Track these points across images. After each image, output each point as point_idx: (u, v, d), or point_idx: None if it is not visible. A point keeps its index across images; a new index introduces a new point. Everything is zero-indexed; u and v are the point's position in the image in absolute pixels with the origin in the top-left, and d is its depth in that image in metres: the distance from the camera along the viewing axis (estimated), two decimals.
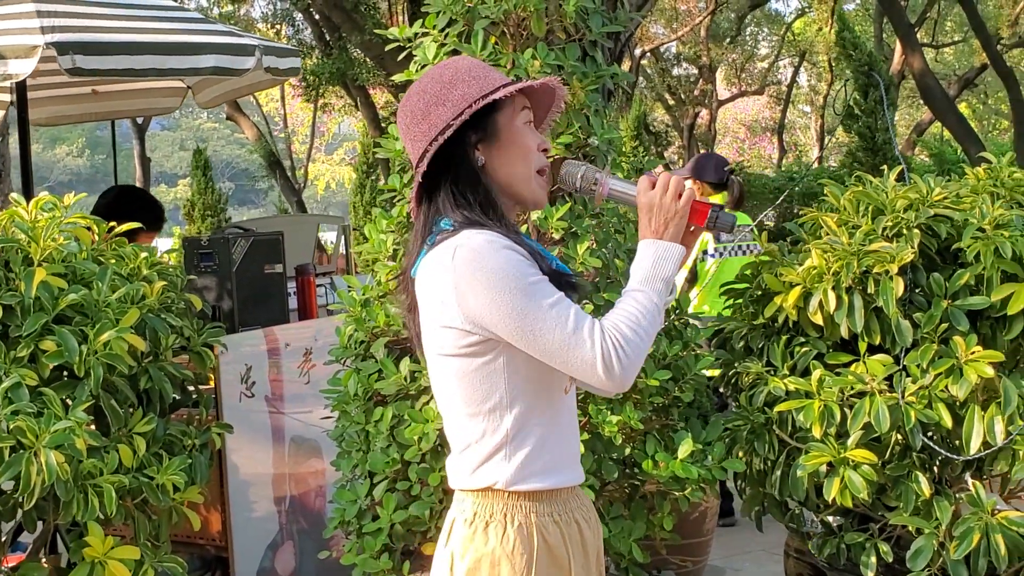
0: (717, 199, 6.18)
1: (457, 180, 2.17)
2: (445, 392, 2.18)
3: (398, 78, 3.74)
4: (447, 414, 2.21)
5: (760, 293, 3.61)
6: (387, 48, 3.91)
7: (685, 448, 3.39)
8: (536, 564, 2.11)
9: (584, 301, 2.28)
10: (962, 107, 22.40)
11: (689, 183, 5.80)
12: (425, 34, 3.67)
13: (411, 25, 3.74)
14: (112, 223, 3.57)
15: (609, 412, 3.33)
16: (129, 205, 5.00)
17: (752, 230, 5.78)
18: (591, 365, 2.03)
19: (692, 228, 2.23)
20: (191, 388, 3.68)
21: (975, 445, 3.15)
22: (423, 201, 2.22)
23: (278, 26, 18.70)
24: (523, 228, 3.21)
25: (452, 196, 2.16)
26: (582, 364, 2.04)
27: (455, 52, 3.58)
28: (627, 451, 3.45)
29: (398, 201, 3.72)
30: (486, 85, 2.15)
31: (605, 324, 2.06)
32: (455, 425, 2.20)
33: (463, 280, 2.06)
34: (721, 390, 3.84)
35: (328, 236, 13.03)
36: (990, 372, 3.11)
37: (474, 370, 2.11)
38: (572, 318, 2.04)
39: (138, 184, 18.78)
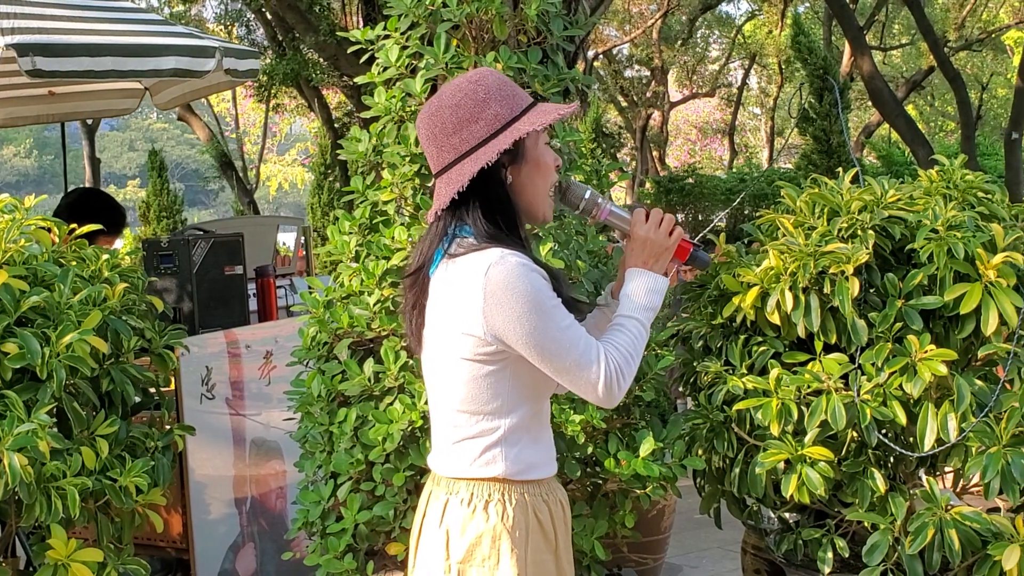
0: None
1: (487, 197, 2.29)
2: (449, 390, 2.33)
3: (360, 80, 3.76)
4: (444, 409, 2.36)
5: (718, 293, 3.66)
6: (348, 51, 3.92)
7: (646, 446, 3.44)
8: (530, 538, 2.30)
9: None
10: (910, 109, 22.68)
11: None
12: (387, 37, 3.68)
13: (365, 26, 3.76)
14: (73, 225, 3.55)
15: (572, 411, 3.37)
16: (91, 207, 4.98)
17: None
18: (594, 386, 2.24)
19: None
20: (152, 390, 3.67)
21: (929, 442, 3.22)
22: (447, 208, 2.31)
23: (230, 26, 18.58)
24: None
25: (480, 211, 2.28)
26: (586, 384, 2.25)
27: (418, 55, 3.61)
28: (589, 450, 3.49)
29: (360, 203, 3.74)
30: (515, 104, 2.28)
31: (608, 350, 2.26)
32: (450, 421, 2.35)
33: (494, 296, 2.20)
34: (681, 389, 3.89)
35: (282, 237, 12.95)
36: (943, 370, 3.18)
37: (483, 376, 2.27)
38: (583, 343, 2.24)
39: (87, 185, 18.59)
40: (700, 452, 3.59)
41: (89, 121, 18.83)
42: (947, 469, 3.49)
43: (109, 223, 4.77)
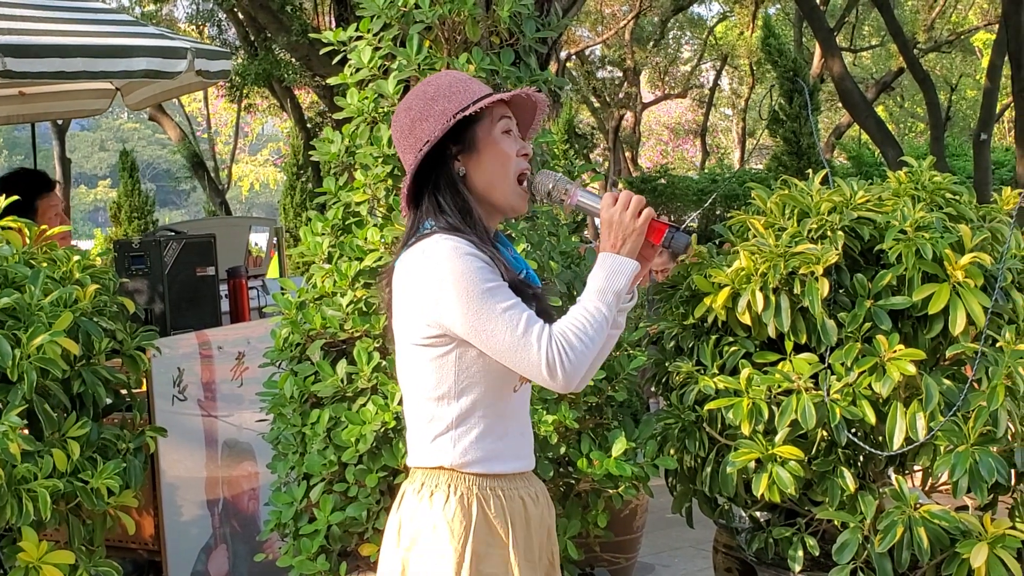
0: None
1: (438, 189, 2.33)
2: (407, 377, 2.35)
3: (332, 81, 3.76)
4: (406, 397, 2.38)
5: (690, 294, 3.68)
6: (321, 52, 3.92)
7: (619, 446, 3.45)
8: (474, 532, 2.27)
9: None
10: (880, 110, 22.83)
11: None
12: (359, 38, 3.69)
13: (337, 26, 3.76)
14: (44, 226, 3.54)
15: (544, 412, 3.38)
16: (15, 182, 4.90)
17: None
18: (537, 367, 2.19)
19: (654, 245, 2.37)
20: (124, 392, 3.66)
21: (898, 441, 3.25)
22: (412, 206, 2.37)
23: (201, 26, 18.50)
24: None
25: (435, 203, 2.32)
26: (529, 365, 2.20)
27: (390, 56, 3.61)
28: (562, 450, 3.50)
29: (332, 204, 3.74)
30: (464, 99, 2.29)
31: (554, 330, 2.20)
32: (412, 407, 2.36)
33: (429, 280, 2.22)
34: (653, 389, 3.91)
35: (253, 238, 12.90)
36: (912, 370, 3.21)
37: (430, 360, 2.28)
38: (522, 322, 2.19)
39: (58, 184, 18.44)
40: (672, 452, 3.62)
41: (59, 121, 18.69)
42: (916, 468, 3.52)
43: (37, 186, 4.79)
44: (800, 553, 3.47)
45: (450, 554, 2.24)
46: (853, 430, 3.34)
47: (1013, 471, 3.38)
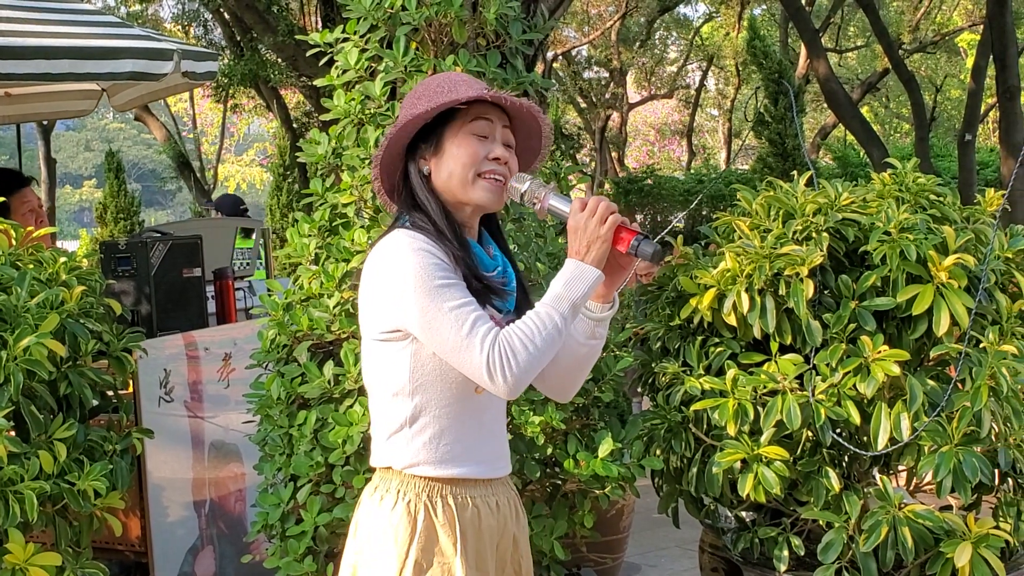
0: None
1: (407, 187, 2.36)
2: (367, 372, 2.35)
3: (319, 83, 3.76)
4: (368, 393, 2.37)
5: (676, 295, 3.70)
6: (308, 53, 3.92)
7: (605, 447, 3.47)
8: (418, 539, 2.24)
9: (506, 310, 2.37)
10: (865, 111, 22.87)
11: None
12: (346, 39, 3.69)
13: (324, 27, 3.76)
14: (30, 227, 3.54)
15: (531, 412, 3.39)
16: None
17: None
18: (479, 369, 2.16)
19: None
20: (111, 393, 3.65)
21: (882, 441, 3.27)
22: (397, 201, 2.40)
23: (187, 26, 18.45)
24: None
25: (409, 198, 2.34)
26: (471, 367, 2.17)
27: (377, 58, 3.62)
28: (549, 451, 3.51)
29: (319, 205, 3.74)
30: (439, 99, 2.29)
31: (500, 335, 2.17)
32: (372, 404, 2.36)
33: (382, 275, 2.23)
34: (639, 390, 3.92)
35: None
36: (896, 370, 3.23)
37: (387, 355, 2.27)
38: (469, 323, 2.16)
39: (43, 185, 18.40)
40: (658, 452, 3.63)
41: (45, 122, 18.64)
42: (900, 468, 3.54)
43: (8, 184, 4.81)
44: (785, 553, 3.49)
45: (393, 560, 2.22)
46: (838, 430, 3.36)
47: (996, 471, 3.41)
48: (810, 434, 3.35)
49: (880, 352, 3.27)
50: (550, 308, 2.20)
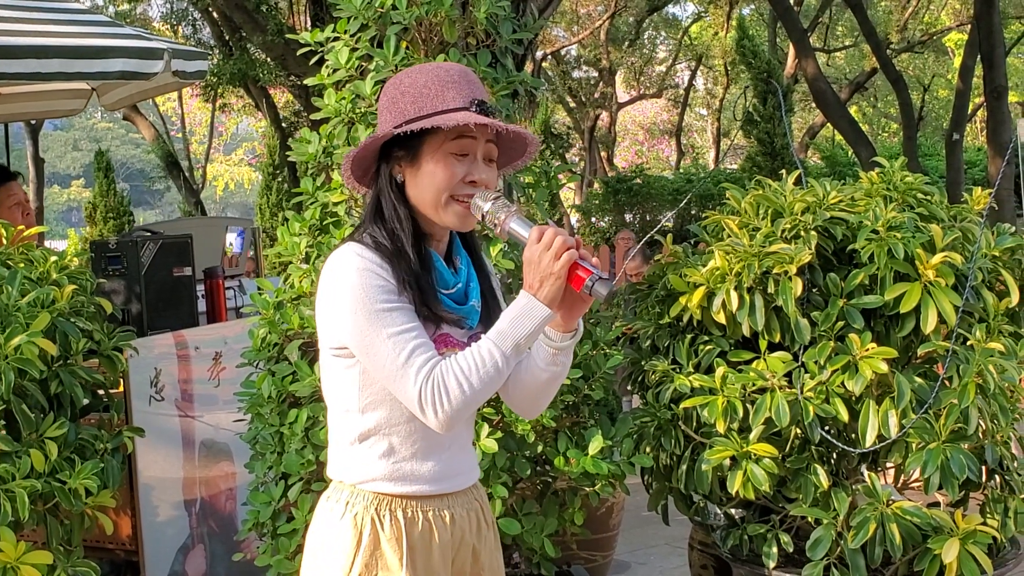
0: None
1: (375, 191, 2.26)
2: (323, 385, 2.29)
3: (310, 82, 3.77)
4: (327, 404, 2.31)
5: (665, 293, 3.71)
6: (298, 53, 3.93)
7: (595, 445, 3.48)
8: (361, 553, 2.19)
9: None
10: (853, 110, 22.93)
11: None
12: (336, 39, 3.70)
13: (314, 26, 3.77)
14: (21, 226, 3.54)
15: None
16: None
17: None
18: (411, 402, 2.10)
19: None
20: (101, 392, 3.65)
21: (870, 438, 3.29)
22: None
23: (176, 26, 18.43)
24: None
25: (370, 208, 2.25)
26: (405, 398, 2.12)
27: (367, 57, 3.63)
28: (539, 448, 3.52)
29: (310, 204, 3.75)
30: (428, 106, 2.17)
31: (435, 372, 2.09)
32: (328, 417, 2.31)
33: (328, 293, 2.18)
34: (629, 388, 3.94)
35: (228, 238, 12.86)
36: (884, 368, 3.25)
37: (338, 371, 2.21)
38: (407, 352, 2.09)
39: (31, 185, 18.35)
40: (648, 450, 3.64)
41: (33, 121, 18.60)
42: (888, 465, 3.56)
43: None
44: (774, 549, 3.50)
45: (336, 573, 2.19)
46: (826, 428, 3.38)
47: (984, 468, 3.44)
48: (799, 431, 3.36)
49: (868, 350, 3.29)
50: (492, 346, 2.10)
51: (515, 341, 2.10)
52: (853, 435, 3.39)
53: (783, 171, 3.84)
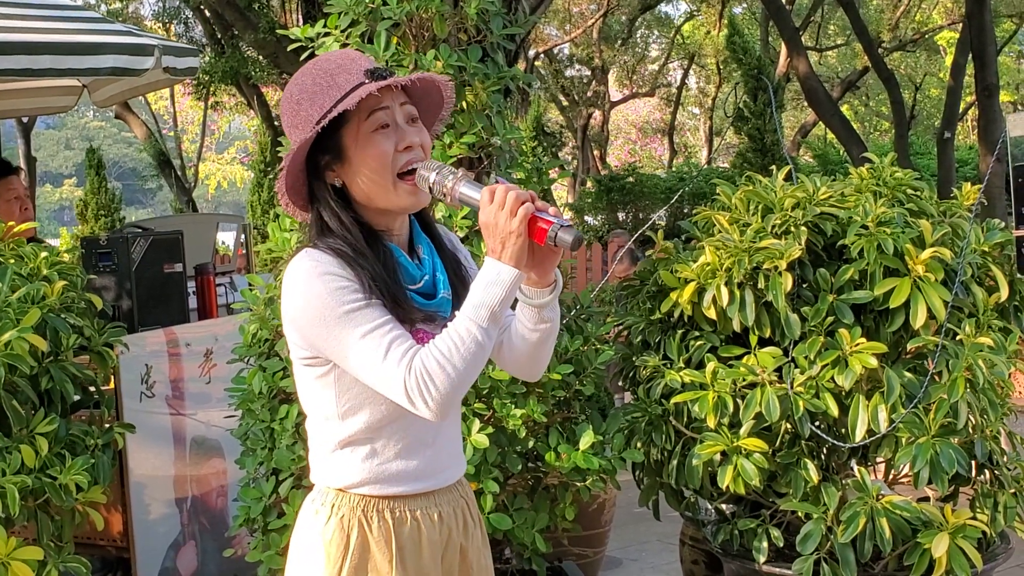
0: None
1: (316, 201, 2.17)
2: (299, 393, 2.23)
3: None
4: (305, 411, 2.26)
5: (656, 289, 3.72)
6: (289, 48, 3.92)
7: (586, 440, 3.48)
8: (351, 557, 2.15)
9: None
10: (844, 109, 22.98)
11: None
12: (327, 34, 3.69)
13: (305, 23, 3.76)
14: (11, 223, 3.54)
15: (513, 406, 3.41)
16: None
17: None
18: (399, 397, 2.04)
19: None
20: (92, 388, 3.65)
21: (860, 433, 3.30)
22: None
23: (168, 23, 18.40)
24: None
25: (316, 214, 2.17)
26: (392, 394, 2.05)
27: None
28: (530, 444, 3.53)
29: None
30: (327, 100, 2.09)
31: (416, 361, 2.02)
32: (307, 424, 2.25)
33: (289, 302, 2.10)
34: (620, 383, 3.94)
35: (221, 236, 12.87)
36: (874, 363, 3.26)
37: (312, 380, 2.16)
38: (383, 349, 2.03)
39: (23, 184, 18.30)
40: (639, 445, 3.65)
41: (24, 119, 18.57)
42: (878, 459, 3.57)
43: None
44: (765, 544, 3.51)
45: None
46: (816, 422, 3.39)
47: (973, 462, 3.45)
48: (789, 426, 3.37)
49: (858, 345, 3.30)
50: (468, 321, 2.03)
51: (490, 310, 2.03)
52: (843, 430, 3.40)
53: (773, 167, 3.85)
